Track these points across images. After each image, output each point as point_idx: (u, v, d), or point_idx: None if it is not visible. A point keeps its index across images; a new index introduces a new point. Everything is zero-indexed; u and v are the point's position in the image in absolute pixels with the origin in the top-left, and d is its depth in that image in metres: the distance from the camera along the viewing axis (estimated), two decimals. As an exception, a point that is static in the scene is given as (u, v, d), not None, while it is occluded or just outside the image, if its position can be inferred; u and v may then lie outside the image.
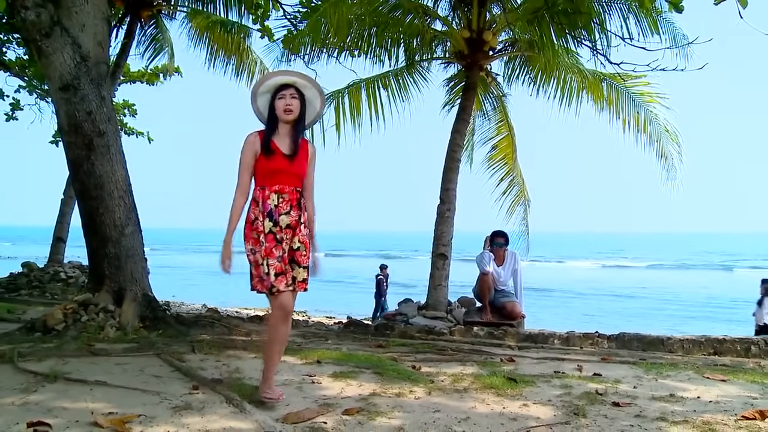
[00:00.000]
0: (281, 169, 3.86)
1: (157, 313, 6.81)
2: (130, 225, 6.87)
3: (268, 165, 3.85)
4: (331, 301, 24.74)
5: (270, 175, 3.87)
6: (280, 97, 3.95)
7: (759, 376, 5.11)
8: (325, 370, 4.92)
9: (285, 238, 3.84)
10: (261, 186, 3.89)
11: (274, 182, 3.86)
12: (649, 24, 8.51)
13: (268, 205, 3.83)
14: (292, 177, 3.91)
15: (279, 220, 3.82)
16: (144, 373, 4.56)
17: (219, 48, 13.37)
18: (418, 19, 9.60)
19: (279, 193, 3.85)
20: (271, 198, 3.84)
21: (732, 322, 19.02)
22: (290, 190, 3.89)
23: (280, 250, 3.82)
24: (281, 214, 3.83)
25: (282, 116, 3.94)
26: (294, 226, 3.87)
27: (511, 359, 5.75)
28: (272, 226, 3.82)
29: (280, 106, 3.93)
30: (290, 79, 4.02)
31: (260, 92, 4.05)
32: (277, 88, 3.99)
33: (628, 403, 4.06)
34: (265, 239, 3.80)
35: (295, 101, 3.95)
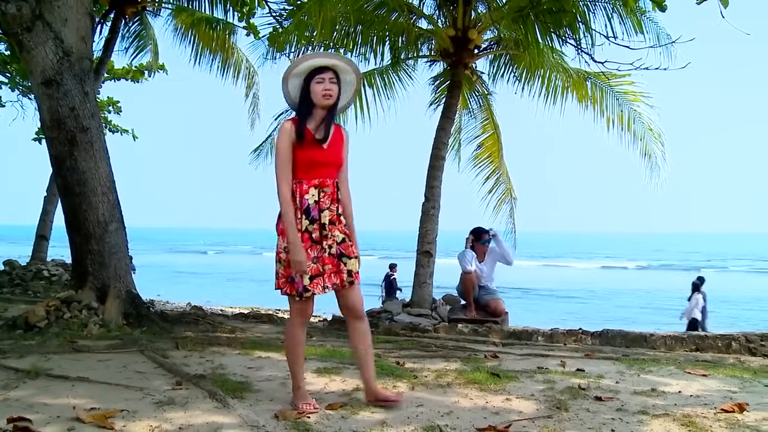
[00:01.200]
0: (319, 160, 3.64)
1: (140, 310, 6.78)
2: (114, 222, 6.84)
3: (306, 156, 3.61)
4: (316, 300, 24.71)
5: (308, 167, 3.62)
6: (319, 80, 3.66)
7: (739, 371, 5.16)
8: (309, 366, 4.90)
9: (327, 236, 3.63)
10: (298, 179, 3.63)
11: (314, 175, 3.64)
12: (633, 23, 8.58)
13: (305, 201, 3.61)
14: (331, 168, 3.70)
15: (319, 217, 3.62)
16: (127, 370, 4.54)
17: (204, 45, 13.32)
18: (404, 17, 9.63)
19: (320, 187, 3.64)
20: (311, 193, 3.62)
21: (715, 320, 19.21)
22: (331, 183, 3.68)
23: (316, 250, 3.61)
24: (322, 210, 3.63)
25: (320, 101, 3.65)
26: (335, 220, 3.67)
27: (495, 355, 5.78)
28: (308, 225, 3.61)
29: (319, 90, 3.65)
30: (330, 61, 3.75)
31: (294, 74, 3.74)
32: (313, 71, 3.69)
33: (611, 397, 4.09)
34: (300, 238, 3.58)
35: (334, 86, 3.69)
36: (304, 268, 3.53)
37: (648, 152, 10.23)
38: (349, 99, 3.93)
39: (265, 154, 11.53)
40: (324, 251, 3.63)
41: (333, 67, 3.71)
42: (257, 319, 8.43)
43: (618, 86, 9.96)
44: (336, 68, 3.72)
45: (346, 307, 3.79)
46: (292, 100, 3.80)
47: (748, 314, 21.80)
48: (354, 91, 3.90)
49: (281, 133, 3.64)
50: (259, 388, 4.13)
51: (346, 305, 3.78)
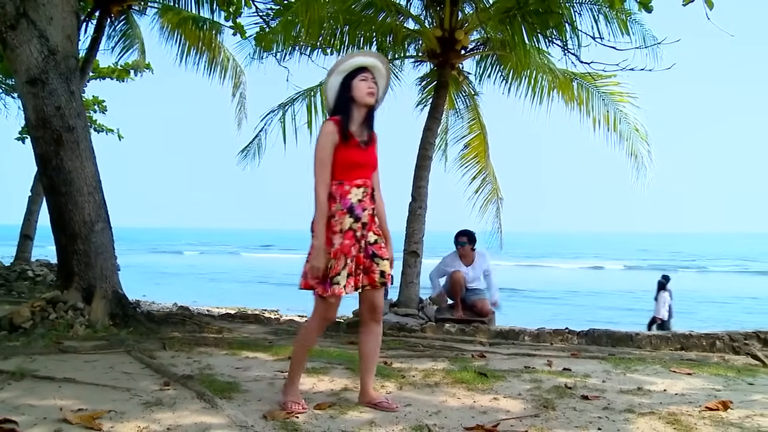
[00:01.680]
0: (359, 161, 3.61)
1: (127, 311, 6.75)
2: (100, 222, 6.80)
3: (348, 157, 3.56)
4: (302, 301, 24.66)
5: (350, 168, 3.57)
6: (363, 78, 3.63)
7: (723, 369, 5.22)
8: (297, 366, 4.91)
9: (364, 235, 3.60)
10: (339, 180, 3.57)
11: (355, 176, 3.59)
12: (619, 24, 8.65)
13: (348, 201, 3.55)
14: (368, 169, 3.67)
15: (362, 216, 3.58)
16: (114, 370, 4.51)
17: (190, 44, 13.24)
18: (391, 17, 9.65)
19: (363, 187, 3.61)
20: (353, 192, 3.57)
21: (696, 318, 19.37)
22: (369, 183, 3.65)
23: (357, 248, 3.58)
24: (364, 209, 3.60)
25: (364, 99, 3.60)
26: (370, 221, 3.64)
27: (482, 355, 5.80)
28: (353, 222, 3.56)
29: (363, 88, 3.61)
30: (374, 62, 3.74)
31: (337, 71, 3.69)
32: (355, 69, 3.66)
33: (597, 396, 4.13)
34: (343, 237, 3.54)
35: (375, 85, 3.66)
36: (319, 275, 3.49)
37: (634, 152, 10.31)
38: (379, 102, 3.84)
39: (253, 155, 11.51)
40: (360, 251, 3.60)
41: (372, 69, 3.70)
42: (244, 319, 8.41)
43: (604, 87, 10.03)
44: (374, 70, 3.71)
45: (369, 306, 3.75)
46: (327, 100, 3.77)
47: (731, 313, 21.97)
48: (383, 96, 3.85)
49: (323, 134, 3.56)
50: (247, 388, 4.13)
51: (370, 305, 3.74)
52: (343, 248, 3.53)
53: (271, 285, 33.13)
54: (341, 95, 3.66)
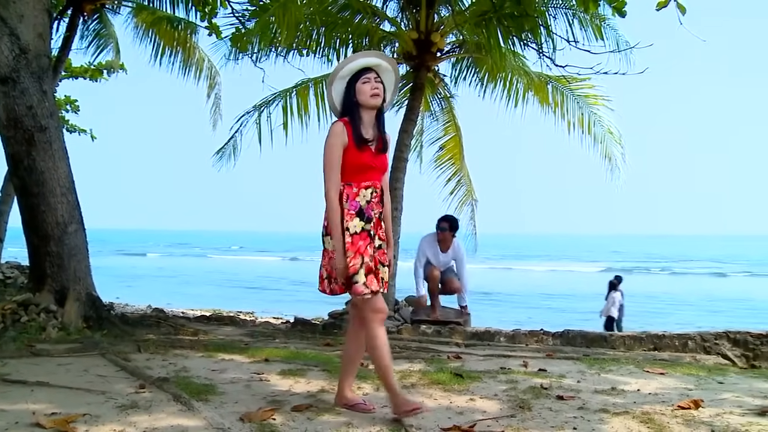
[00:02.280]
0: (369, 164, 3.55)
1: (101, 313, 6.68)
2: (74, 223, 6.73)
3: (359, 160, 3.51)
4: (277, 302, 24.60)
5: (359, 170, 3.53)
6: (365, 80, 3.56)
7: (695, 369, 5.31)
8: (274, 368, 4.91)
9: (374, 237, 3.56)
10: (347, 182, 3.52)
11: (364, 178, 3.55)
12: (593, 29, 8.75)
13: (356, 203, 3.51)
14: (379, 171, 3.63)
15: (372, 216, 3.55)
16: (88, 373, 4.47)
17: (165, 44, 13.14)
18: (367, 19, 9.65)
19: (372, 188, 3.57)
20: (362, 194, 3.53)
21: (668, 319, 19.63)
22: (378, 186, 3.62)
23: (373, 248, 3.53)
24: (373, 210, 3.56)
25: (368, 101, 3.55)
26: (377, 224, 3.60)
27: (458, 356, 5.83)
28: (365, 224, 3.51)
29: (367, 90, 3.54)
30: (374, 61, 3.65)
31: (339, 77, 3.63)
32: (358, 71, 3.59)
33: (572, 396, 4.17)
34: (358, 238, 3.47)
35: (380, 85, 3.59)
36: (346, 275, 3.45)
37: (608, 155, 10.43)
38: (390, 99, 3.80)
39: (228, 156, 11.44)
40: (375, 252, 3.57)
41: (375, 68, 3.63)
42: (219, 321, 8.38)
43: (579, 90, 10.13)
44: (378, 69, 3.64)
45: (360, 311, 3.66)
46: (335, 106, 3.70)
47: (701, 315, 22.30)
48: (394, 91, 3.79)
49: (332, 134, 3.50)
50: (223, 390, 4.11)
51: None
52: (359, 249, 3.46)
53: (246, 287, 33.01)
54: (347, 100, 3.62)
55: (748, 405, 4.02)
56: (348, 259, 3.44)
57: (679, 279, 41.71)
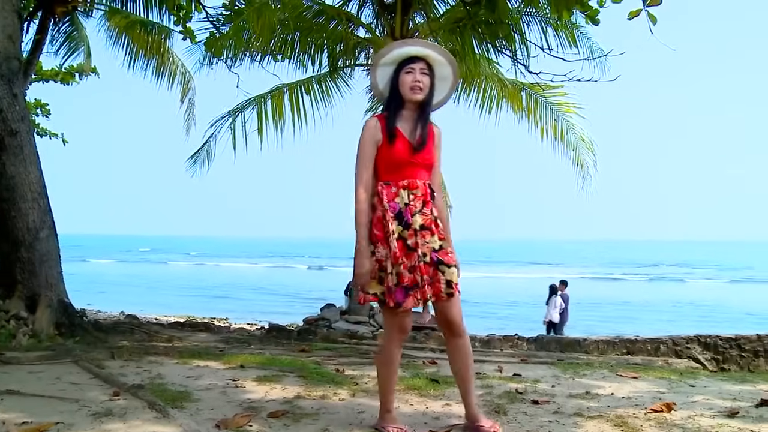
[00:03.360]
0: (407, 160, 3.27)
1: (73, 320, 6.61)
2: (45, 228, 6.65)
3: (393, 156, 3.26)
4: (252, 308, 24.50)
5: (395, 168, 3.27)
6: (408, 71, 3.28)
7: (667, 372, 5.40)
8: (249, 374, 4.89)
9: (421, 243, 3.24)
10: (385, 181, 3.29)
11: (402, 176, 3.27)
12: (566, 36, 8.88)
13: (395, 205, 3.25)
14: (421, 169, 3.31)
15: (411, 221, 3.23)
16: (60, 381, 4.41)
17: (138, 49, 13.04)
18: (342, 25, 9.70)
19: (409, 189, 3.26)
20: (400, 195, 3.25)
21: (644, 324, 19.87)
22: (421, 184, 3.28)
23: (414, 258, 3.22)
24: (414, 213, 3.24)
25: (408, 95, 3.28)
26: (429, 225, 3.27)
27: (433, 362, 5.85)
28: (402, 230, 3.23)
29: (407, 82, 3.27)
30: (423, 50, 3.34)
31: (382, 63, 3.38)
32: (404, 60, 3.31)
33: (547, 400, 4.21)
34: (395, 244, 3.21)
35: (425, 78, 3.29)
36: (363, 282, 3.24)
37: (580, 162, 10.56)
38: (446, 96, 3.50)
39: (202, 161, 11.39)
40: (419, 260, 3.23)
41: (426, 58, 3.33)
42: (194, 327, 8.32)
43: (552, 97, 10.26)
44: (429, 59, 3.34)
45: (444, 321, 3.40)
46: (380, 92, 3.47)
47: (671, 318, 22.62)
48: (451, 87, 3.49)
49: (364, 130, 3.31)
50: (199, 397, 4.08)
51: (444, 319, 3.39)
52: (395, 256, 3.21)
53: (220, 293, 32.80)
54: (391, 89, 3.36)
55: (718, 407, 4.09)
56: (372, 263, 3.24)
57: (651, 284, 42.22)
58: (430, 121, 3.40)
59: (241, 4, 9.97)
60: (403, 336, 3.43)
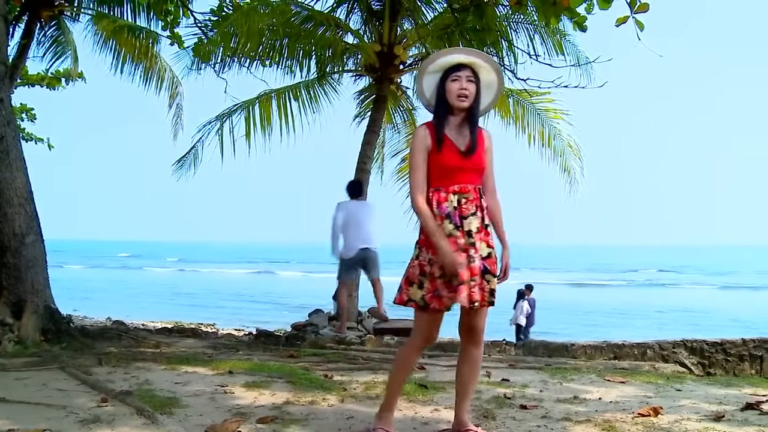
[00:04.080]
0: (457, 166, 3.29)
1: (60, 326, 6.55)
2: (32, 234, 6.60)
3: (442, 162, 3.29)
4: (239, 313, 24.41)
5: (446, 174, 3.30)
6: (454, 78, 3.30)
7: (654, 377, 5.44)
8: (237, 380, 4.87)
9: (474, 244, 3.24)
10: (436, 187, 3.31)
11: (452, 182, 3.29)
12: (553, 44, 8.95)
13: (445, 208, 3.26)
14: (472, 174, 3.33)
15: (463, 224, 3.24)
16: (47, 388, 4.38)
17: (126, 53, 12.99)
18: (330, 31, 9.70)
19: (460, 193, 3.28)
20: (450, 200, 3.27)
21: (628, 328, 19.98)
22: (472, 188, 3.31)
23: (466, 258, 3.22)
24: (465, 216, 3.25)
25: (454, 102, 3.30)
26: (481, 230, 3.29)
27: (421, 367, 5.85)
28: (453, 229, 3.23)
29: (454, 90, 3.30)
30: (468, 58, 3.36)
31: (429, 71, 3.42)
32: (450, 68, 3.34)
33: (535, 405, 4.24)
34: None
35: (471, 86, 3.31)
36: (458, 268, 3.16)
37: (567, 168, 10.62)
38: (492, 102, 3.54)
39: (189, 166, 11.34)
40: (470, 261, 3.23)
41: (471, 65, 3.35)
42: (181, 333, 8.28)
43: (539, 104, 10.31)
44: (474, 66, 3.36)
45: (469, 328, 3.43)
46: (427, 100, 3.49)
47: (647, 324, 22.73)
48: (497, 93, 3.52)
49: (415, 138, 3.38)
50: (187, 403, 4.07)
51: (470, 326, 3.41)
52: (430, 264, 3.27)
53: (205, 298, 32.69)
54: (438, 97, 3.38)
55: (705, 411, 4.14)
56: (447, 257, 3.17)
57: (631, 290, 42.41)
58: (480, 126, 3.44)
59: (229, 10, 9.98)
60: (426, 345, 3.50)
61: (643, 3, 5.17)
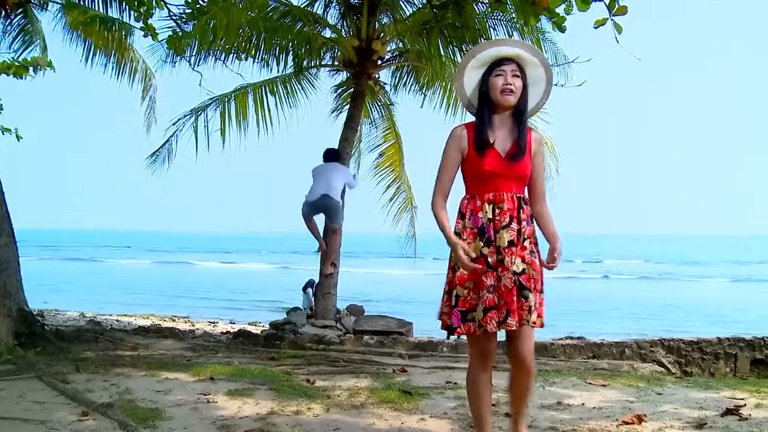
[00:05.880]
0: (497, 171, 3.03)
1: (34, 329, 6.43)
2: (3, 236, 6.46)
3: (480, 167, 3.04)
4: (211, 306, 24.25)
5: (482, 180, 3.05)
6: (498, 73, 3.04)
7: (634, 379, 5.49)
8: (220, 387, 4.82)
9: (501, 261, 2.99)
10: (471, 194, 3.09)
11: (488, 189, 3.04)
12: (532, 42, 8.91)
13: (479, 219, 3.02)
14: (511, 181, 3.06)
15: (495, 238, 3.00)
16: (24, 400, 4.27)
17: (97, 44, 12.71)
18: (308, 26, 9.58)
19: (495, 203, 3.03)
20: (484, 209, 3.02)
21: (606, 320, 20.20)
22: (509, 197, 3.04)
23: (493, 278, 2.99)
24: (499, 229, 3.00)
25: (499, 98, 3.04)
26: (517, 243, 3.02)
27: (403, 369, 5.85)
28: (483, 247, 3.00)
29: (497, 85, 3.03)
30: (513, 50, 3.10)
31: (469, 67, 3.14)
32: (493, 63, 3.07)
33: (519, 412, 4.24)
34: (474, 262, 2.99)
35: (517, 80, 3.05)
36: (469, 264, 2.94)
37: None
38: (541, 100, 3.26)
39: (162, 160, 11.17)
40: (500, 280, 3.00)
41: (516, 59, 3.08)
42: (159, 333, 8.18)
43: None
44: (520, 60, 3.09)
45: (514, 353, 3.14)
46: (468, 100, 3.21)
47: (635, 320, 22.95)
48: (546, 91, 3.22)
49: (449, 138, 3.13)
50: (170, 414, 4.02)
51: (515, 350, 3.12)
52: (470, 276, 3.02)
53: (178, 290, 32.44)
54: (480, 95, 3.13)
55: (686, 417, 4.18)
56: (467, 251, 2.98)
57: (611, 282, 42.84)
58: (529, 126, 3.18)
59: (203, 2, 9.80)
60: (485, 362, 3.19)
61: (622, 6, 5.17)
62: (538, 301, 3.07)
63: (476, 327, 3.01)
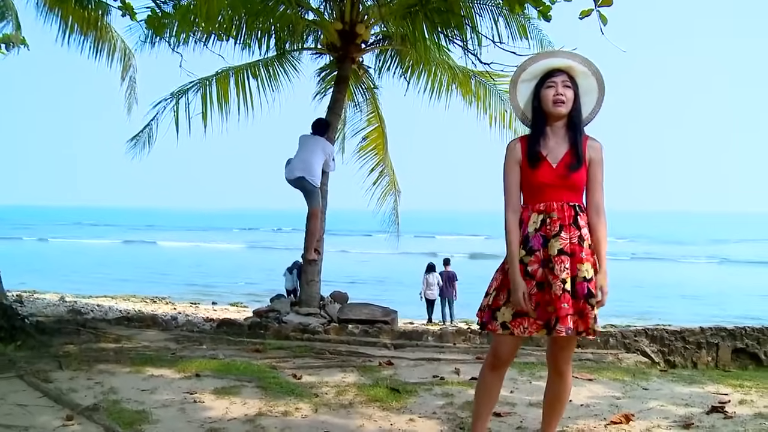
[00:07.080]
0: (548, 182, 3.06)
1: (14, 323, 6.31)
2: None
3: (533, 179, 3.09)
4: (192, 287, 24.19)
5: (534, 190, 3.10)
6: (549, 85, 3.09)
7: (620, 372, 5.54)
8: (206, 385, 4.76)
9: (551, 269, 3.00)
10: (524, 204, 3.15)
11: (539, 199, 3.08)
12: (518, 27, 8.86)
13: (525, 229, 3.08)
14: (563, 191, 3.08)
15: (547, 246, 3.03)
16: (5, 402, 4.15)
17: (74, 23, 12.40)
18: (291, 9, 9.42)
19: (545, 212, 3.06)
20: (533, 219, 3.07)
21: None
22: (559, 206, 3.05)
23: (529, 285, 3.03)
24: (549, 238, 3.03)
25: (551, 109, 3.08)
26: (572, 250, 3.03)
27: (389, 362, 5.82)
28: (524, 255, 3.06)
29: (549, 96, 3.08)
30: (563, 62, 3.14)
31: (522, 80, 3.19)
32: (544, 75, 3.12)
33: (508, 412, 4.25)
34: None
35: (568, 91, 3.08)
36: (520, 305, 3.01)
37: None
38: (594, 108, 3.25)
39: (143, 143, 11.00)
40: (545, 287, 3.04)
41: (567, 70, 3.13)
42: (141, 322, 8.08)
43: (502, 85, 10.24)
44: (571, 71, 3.14)
45: (552, 357, 3.28)
46: (522, 112, 3.27)
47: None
48: (598, 100, 3.24)
49: (506, 153, 3.17)
50: (157, 416, 3.96)
51: (552, 354, 3.27)
52: (506, 282, 3.10)
53: (155, 269, 32.32)
54: (533, 108, 3.19)
55: (673, 416, 4.21)
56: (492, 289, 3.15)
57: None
58: (586, 135, 3.19)
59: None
60: (498, 364, 3.24)
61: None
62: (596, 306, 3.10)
63: (499, 326, 3.10)
